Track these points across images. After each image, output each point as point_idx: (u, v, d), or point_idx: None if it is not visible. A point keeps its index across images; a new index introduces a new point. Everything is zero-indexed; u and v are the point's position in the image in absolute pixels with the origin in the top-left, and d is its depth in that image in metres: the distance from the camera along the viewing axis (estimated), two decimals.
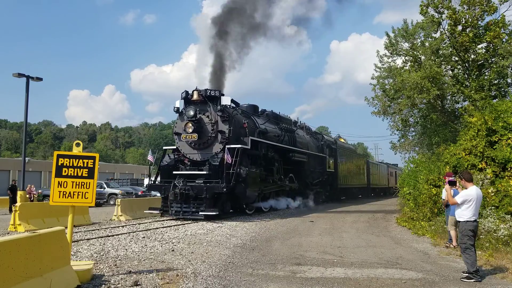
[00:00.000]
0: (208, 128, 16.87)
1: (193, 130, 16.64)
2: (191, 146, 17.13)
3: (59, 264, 5.58)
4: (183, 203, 15.41)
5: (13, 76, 22.66)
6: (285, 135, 22.24)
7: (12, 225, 12.84)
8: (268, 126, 20.63)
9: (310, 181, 25.57)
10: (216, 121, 16.80)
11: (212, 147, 16.90)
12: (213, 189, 15.18)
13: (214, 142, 16.86)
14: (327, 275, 6.98)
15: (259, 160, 18.62)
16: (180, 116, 17.52)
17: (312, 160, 26.10)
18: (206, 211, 14.78)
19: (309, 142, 26.21)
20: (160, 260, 8.01)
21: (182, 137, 17.06)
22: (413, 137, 28.43)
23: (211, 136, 16.80)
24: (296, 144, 23.43)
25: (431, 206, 13.78)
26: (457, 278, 6.78)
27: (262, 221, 15.50)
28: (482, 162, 13.30)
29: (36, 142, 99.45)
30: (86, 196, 6.50)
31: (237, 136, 17.16)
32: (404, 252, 9.32)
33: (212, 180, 15.61)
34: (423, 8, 21.30)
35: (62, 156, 6.57)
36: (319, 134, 30.16)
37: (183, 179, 15.90)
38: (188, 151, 17.32)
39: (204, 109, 16.98)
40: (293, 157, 22.05)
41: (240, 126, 17.63)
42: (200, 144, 16.92)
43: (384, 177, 48.77)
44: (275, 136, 21.00)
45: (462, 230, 7.00)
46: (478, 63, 21.34)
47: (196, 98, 17.08)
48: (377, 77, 26.46)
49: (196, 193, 15.26)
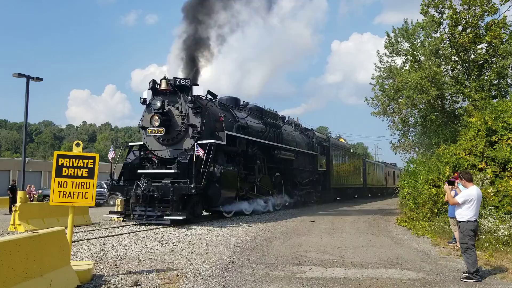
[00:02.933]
0: (178, 121, 15.08)
1: (160, 124, 14.81)
2: (159, 141, 15.39)
3: (59, 264, 5.58)
4: (147, 206, 13.64)
5: (13, 76, 22.65)
6: (270, 130, 20.48)
7: (12, 225, 12.83)
8: (250, 121, 18.87)
9: (299, 180, 23.98)
10: (186, 114, 14.99)
11: (183, 142, 15.10)
12: (180, 190, 13.29)
13: (185, 137, 15.07)
14: (327, 275, 6.98)
15: (238, 158, 16.93)
16: (147, 108, 15.69)
17: (301, 158, 24.48)
18: (172, 215, 13.13)
19: (298, 138, 24.52)
20: (160, 260, 8.01)
21: (148, 131, 15.20)
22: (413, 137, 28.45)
23: (181, 131, 15.01)
24: (282, 140, 21.61)
25: (431, 206, 13.78)
26: (457, 278, 6.78)
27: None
28: (482, 162, 13.30)
29: (36, 142, 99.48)
30: (86, 196, 6.50)
31: (212, 130, 15.45)
32: (404, 252, 9.32)
33: (181, 180, 13.69)
34: (424, 8, 21.31)
35: (62, 156, 6.57)
36: (309, 131, 28.12)
37: (148, 179, 14.02)
38: (156, 147, 15.50)
39: (174, 100, 15.24)
40: (278, 154, 20.51)
41: (216, 120, 15.90)
42: (169, 139, 15.20)
43: (381, 177, 47.80)
44: (258, 131, 19.30)
45: (463, 230, 7.00)
46: (478, 63, 21.36)
47: (165, 88, 15.24)
48: (377, 77, 26.47)
49: (162, 194, 13.40)
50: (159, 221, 13.31)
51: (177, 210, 13.28)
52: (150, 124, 15.08)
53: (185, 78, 15.40)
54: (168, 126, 14.97)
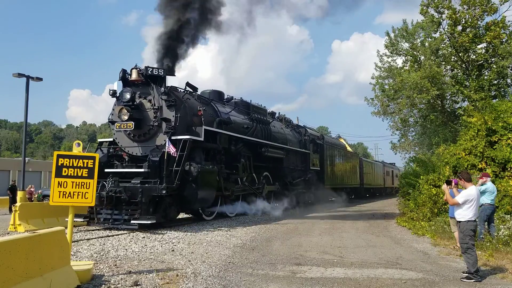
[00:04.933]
0: (150, 115, 13.68)
1: (129, 118, 13.31)
2: (130, 137, 13.98)
3: (59, 264, 5.58)
4: (114, 209, 12.30)
5: (13, 76, 22.64)
6: (257, 126, 19.00)
7: (12, 225, 12.82)
8: (234, 116, 17.48)
9: (290, 180, 22.46)
10: (159, 107, 13.63)
11: (155, 138, 13.71)
12: (150, 191, 11.97)
13: (158, 132, 13.67)
14: (327, 275, 6.98)
15: (219, 156, 15.44)
16: (117, 100, 14.17)
17: (292, 157, 23.03)
18: (140, 219, 11.74)
19: (288, 136, 22.95)
20: (160, 260, 8.01)
21: (116, 126, 13.74)
22: (413, 137, 28.49)
23: (153, 125, 13.61)
24: (271, 137, 20.08)
25: (431, 206, 13.80)
26: (457, 278, 6.78)
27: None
28: (482, 162, 13.33)
29: (36, 142, 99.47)
30: (86, 196, 6.50)
31: (188, 125, 14.10)
32: (404, 252, 9.32)
33: (151, 180, 12.43)
34: (423, 8, 21.34)
35: (62, 156, 6.56)
36: (301, 128, 26.53)
37: (115, 179, 12.68)
38: (127, 143, 14.06)
39: (147, 92, 13.86)
40: (266, 152, 19.02)
41: (194, 114, 14.53)
42: (141, 135, 13.78)
43: (379, 176, 46.50)
44: (244, 127, 17.83)
45: (464, 230, 7.00)
46: (478, 63, 21.39)
47: (136, 78, 13.81)
48: (377, 77, 26.50)
49: (130, 196, 12.09)
50: (126, 225, 12.01)
51: (147, 213, 11.89)
52: (119, 118, 13.62)
53: (158, 68, 13.96)
54: (139, 120, 13.58)
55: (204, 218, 15.14)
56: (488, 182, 10.01)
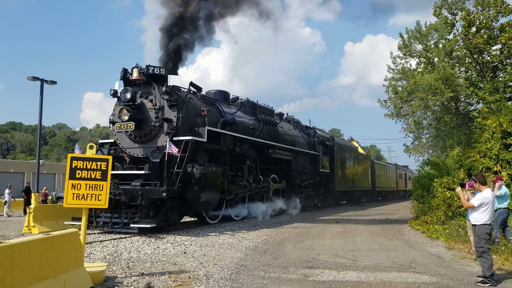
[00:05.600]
0: (152, 115, 13.33)
1: (130, 118, 12.98)
2: (131, 138, 13.65)
3: (72, 266, 5.62)
4: (114, 212, 11.86)
5: (28, 79, 22.91)
6: (263, 127, 18.49)
7: (27, 226, 12.97)
8: (239, 116, 17.00)
9: (298, 183, 21.93)
10: (161, 107, 13.25)
11: (157, 139, 13.32)
12: (150, 194, 11.59)
13: (159, 133, 13.28)
14: (339, 278, 6.93)
15: (223, 157, 15.02)
16: (118, 101, 13.78)
17: (301, 159, 22.46)
18: (140, 222, 11.23)
19: (296, 137, 22.35)
20: (172, 262, 8.03)
21: (117, 127, 13.45)
22: (426, 140, 28.27)
23: (154, 126, 13.24)
24: (278, 139, 19.53)
25: (445, 209, 13.63)
26: (472, 282, 6.69)
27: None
28: (497, 165, 13.15)
29: (50, 145, 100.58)
30: (100, 198, 6.55)
31: (191, 126, 13.67)
32: (418, 256, 9.22)
33: (152, 182, 12.09)
34: (437, 10, 21.17)
35: (75, 158, 6.62)
36: (310, 129, 25.81)
37: (115, 181, 12.45)
38: (128, 144, 13.72)
39: (148, 92, 13.53)
40: (273, 154, 18.49)
41: (197, 114, 14.09)
42: (142, 136, 13.42)
43: (392, 179, 45.69)
44: (249, 128, 17.35)
45: (480, 233, 6.90)
46: (493, 64, 21.13)
47: (137, 77, 13.51)
48: (390, 79, 26.37)
49: (130, 199, 11.76)
50: (126, 229, 11.50)
51: (147, 217, 11.45)
52: (119, 118, 13.31)
53: (159, 67, 13.54)
54: (140, 121, 13.24)
55: (208, 222, 14.62)
56: (503, 186, 9.88)
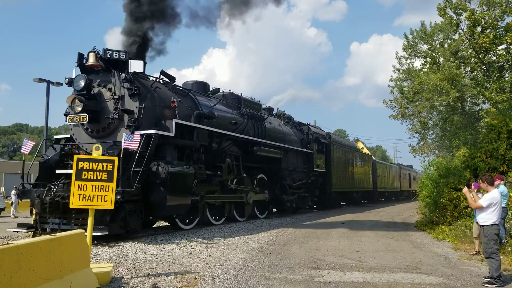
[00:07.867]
0: (110, 106, 11.64)
1: (83, 109, 11.29)
2: (88, 133, 12.01)
3: (79, 266, 5.64)
4: (62, 217, 10.26)
5: (34, 81, 23.06)
6: (248, 122, 16.90)
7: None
8: (219, 110, 15.30)
9: (289, 183, 20.33)
10: (121, 96, 11.56)
11: (116, 133, 11.60)
12: None
13: (119, 126, 11.62)
14: (345, 279, 6.91)
15: (197, 154, 13.18)
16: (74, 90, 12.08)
17: (292, 157, 20.77)
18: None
19: (287, 134, 20.78)
20: (178, 263, 8.04)
21: (68, 119, 11.74)
22: (432, 140, 28.19)
23: (113, 118, 11.56)
24: (265, 135, 18.00)
25: (452, 209, 13.57)
26: (479, 283, 6.65)
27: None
28: (503, 165, 13.08)
29: None
30: (106, 199, 6.57)
31: (157, 118, 12.06)
32: (424, 257, 9.18)
33: None
34: (441, 11, 21.11)
35: (81, 159, 6.65)
36: (304, 125, 23.76)
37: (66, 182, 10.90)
38: (85, 139, 12.04)
39: (107, 80, 11.82)
40: (259, 151, 16.75)
41: (165, 106, 12.54)
42: (99, 130, 11.78)
43: (395, 179, 44.03)
44: (231, 123, 15.72)
45: (488, 234, 6.85)
46: (499, 64, 21.04)
47: (93, 63, 11.71)
48: (395, 79, 26.34)
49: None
50: None
51: (101, 223, 9.71)
52: (72, 109, 11.61)
53: (119, 50, 11.71)
54: (95, 112, 11.58)
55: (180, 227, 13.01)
56: (501, 185, 9.81)
